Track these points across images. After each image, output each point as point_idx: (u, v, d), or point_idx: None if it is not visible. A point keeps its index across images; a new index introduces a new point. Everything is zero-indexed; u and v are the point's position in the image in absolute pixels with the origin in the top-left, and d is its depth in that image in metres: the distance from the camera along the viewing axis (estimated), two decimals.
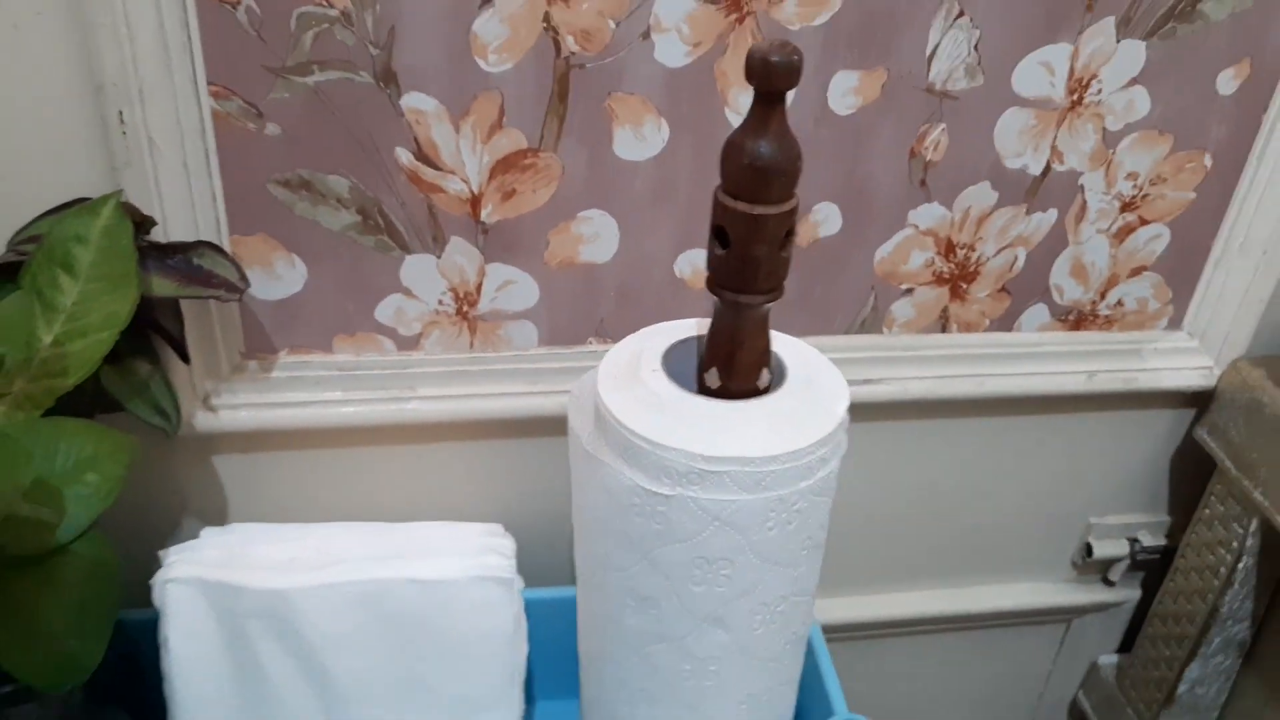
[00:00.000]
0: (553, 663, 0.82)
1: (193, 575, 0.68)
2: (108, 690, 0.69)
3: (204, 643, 0.68)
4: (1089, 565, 1.00)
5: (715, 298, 0.59)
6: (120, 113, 0.63)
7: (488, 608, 0.71)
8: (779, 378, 0.63)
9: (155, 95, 0.63)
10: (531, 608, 0.80)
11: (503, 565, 0.71)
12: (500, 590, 0.71)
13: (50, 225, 0.63)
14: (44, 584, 0.58)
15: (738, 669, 0.66)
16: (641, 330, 0.65)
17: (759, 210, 0.55)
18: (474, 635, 0.71)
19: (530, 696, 0.86)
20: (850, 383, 0.80)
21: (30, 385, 0.60)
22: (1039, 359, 0.84)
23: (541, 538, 0.76)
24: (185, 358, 0.68)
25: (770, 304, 0.58)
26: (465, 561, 0.70)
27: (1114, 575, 1.00)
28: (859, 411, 0.84)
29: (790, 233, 0.56)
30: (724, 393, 0.61)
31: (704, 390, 0.62)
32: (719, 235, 0.57)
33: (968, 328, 0.83)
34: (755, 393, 0.61)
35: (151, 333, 0.67)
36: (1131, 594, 1.02)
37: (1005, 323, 0.83)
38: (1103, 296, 0.83)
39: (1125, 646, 1.06)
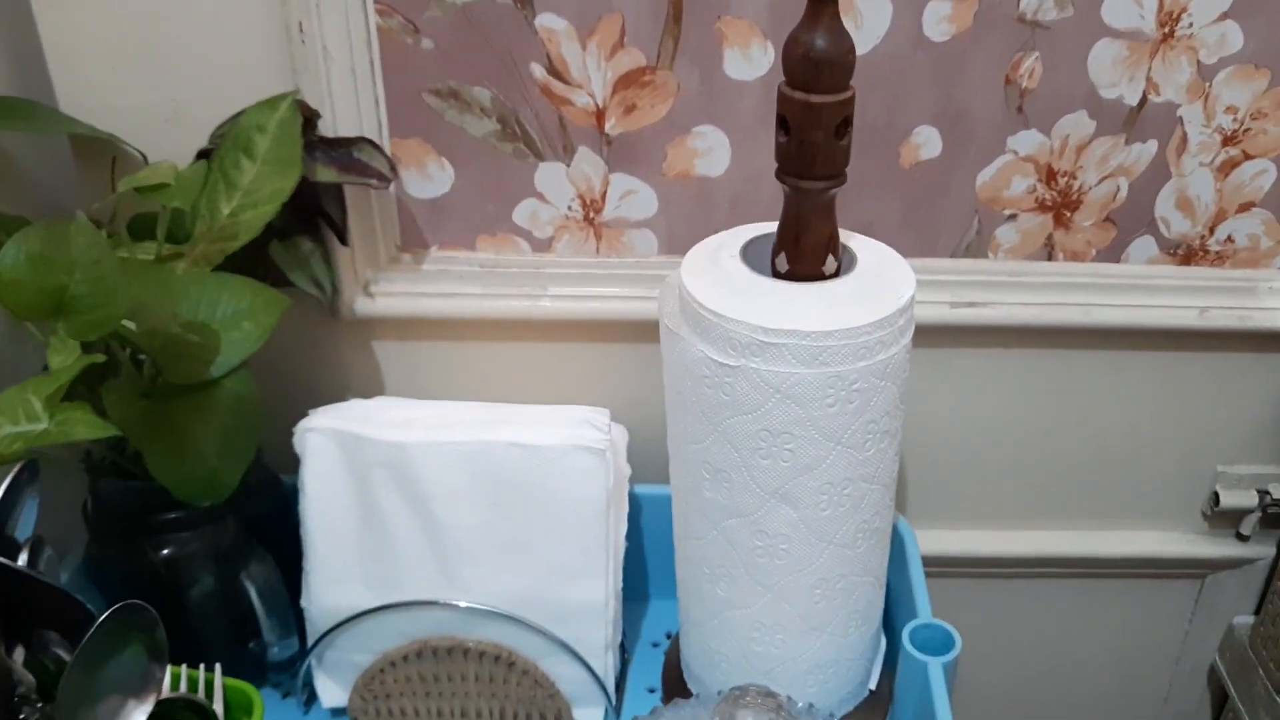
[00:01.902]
0: (667, 560, 0.91)
1: (328, 426, 0.82)
2: (259, 532, 0.84)
3: (335, 487, 0.83)
4: (1218, 516, 1.05)
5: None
6: (300, 23, 0.79)
7: (582, 475, 0.82)
8: (848, 267, 0.72)
9: (330, 9, 0.79)
10: (646, 503, 0.92)
11: (598, 438, 0.82)
12: (593, 459, 0.82)
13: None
14: (198, 411, 0.74)
15: (808, 549, 0.75)
16: (733, 228, 0.76)
17: (815, 99, 0.65)
18: (569, 502, 0.82)
19: (644, 594, 0.98)
20: (954, 305, 0.90)
21: (208, 247, 0.76)
22: (1148, 291, 0.91)
23: (656, 436, 0.85)
24: (344, 240, 0.84)
25: (832, 191, 0.68)
26: (563, 431, 0.82)
27: (1246, 529, 1.04)
28: (965, 335, 0.93)
29: (847, 123, 0.66)
30: (791, 276, 0.71)
31: (775, 275, 0.72)
32: (782, 124, 0.67)
33: (1074, 256, 0.90)
34: (821, 277, 0.71)
35: (317, 217, 0.82)
36: (1266, 551, 1.07)
37: (1112, 254, 0.90)
38: (1211, 231, 0.89)
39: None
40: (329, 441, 0.82)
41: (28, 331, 0.71)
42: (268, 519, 0.83)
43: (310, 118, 0.81)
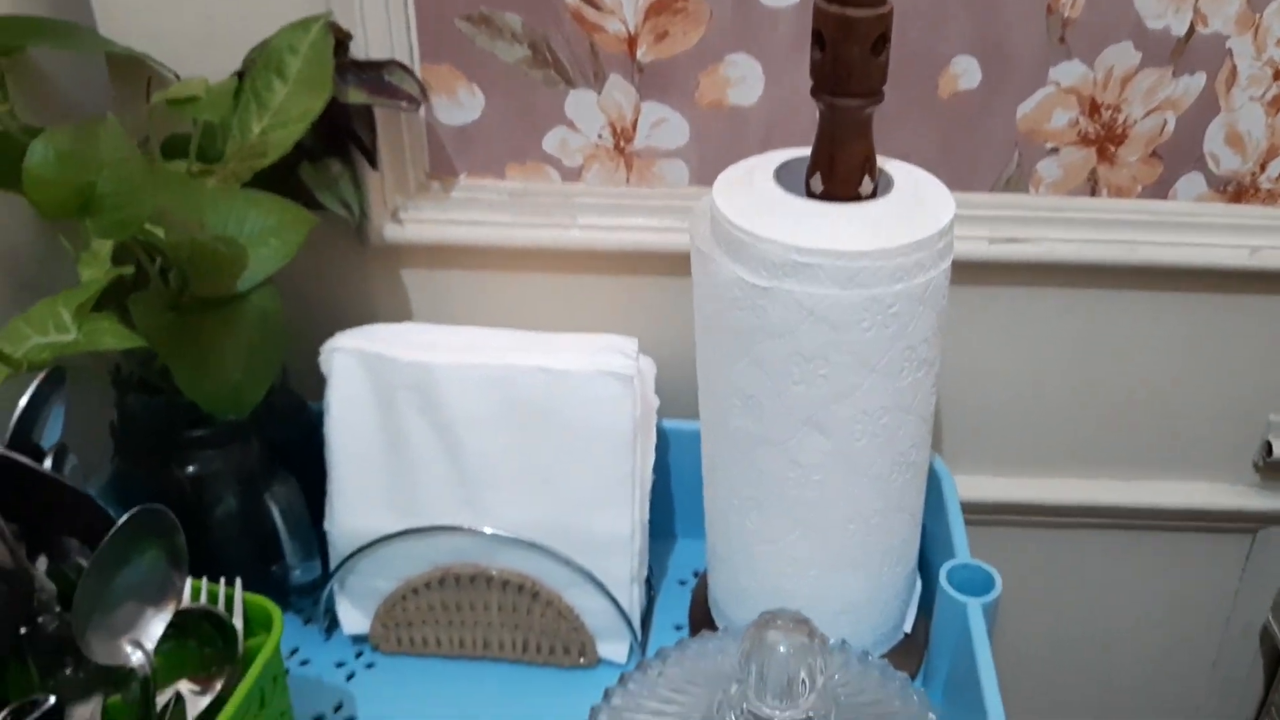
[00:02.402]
0: (695, 498, 0.90)
1: (354, 346, 0.83)
2: (283, 457, 0.85)
3: (360, 409, 0.84)
4: (1271, 468, 1.04)
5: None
6: None
7: (608, 403, 0.82)
8: (884, 190, 0.72)
9: None
10: (674, 439, 0.93)
11: (625, 364, 0.82)
12: (620, 386, 0.82)
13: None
14: (223, 325, 0.75)
15: (842, 481, 0.75)
16: (767, 152, 0.76)
17: (851, 12, 0.65)
18: (595, 429, 0.83)
19: (671, 532, 0.99)
20: (994, 241, 0.90)
21: (238, 165, 0.78)
22: (1196, 229, 0.91)
23: (685, 372, 0.84)
24: (373, 163, 0.86)
25: (868, 109, 0.68)
26: (590, 357, 0.83)
27: None
28: (1004, 272, 0.92)
29: (884, 39, 0.66)
30: (826, 196, 0.71)
31: (810, 196, 0.72)
32: (817, 39, 0.67)
33: (1119, 192, 0.90)
34: (857, 199, 0.71)
35: (347, 140, 0.84)
36: None
37: (1159, 190, 0.90)
38: (1263, 168, 0.89)
39: None
40: (355, 362, 0.83)
41: (61, 247, 0.73)
42: (292, 444, 0.85)
43: (342, 40, 0.82)
